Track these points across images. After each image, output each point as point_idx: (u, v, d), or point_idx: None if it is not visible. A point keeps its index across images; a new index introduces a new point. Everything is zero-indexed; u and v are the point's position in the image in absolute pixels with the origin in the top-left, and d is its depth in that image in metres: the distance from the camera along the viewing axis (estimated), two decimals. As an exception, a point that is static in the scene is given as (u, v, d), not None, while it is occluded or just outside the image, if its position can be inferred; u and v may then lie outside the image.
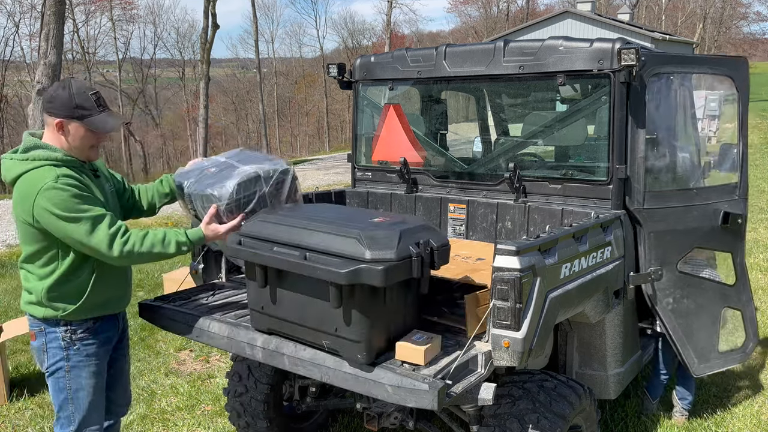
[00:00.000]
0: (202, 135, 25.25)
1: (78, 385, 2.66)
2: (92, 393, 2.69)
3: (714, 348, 3.63)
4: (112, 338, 2.80)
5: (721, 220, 3.50)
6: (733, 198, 3.60)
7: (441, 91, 4.15)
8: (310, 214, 2.57)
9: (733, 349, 3.76)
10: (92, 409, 2.70)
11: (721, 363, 3.68)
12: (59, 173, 2.48)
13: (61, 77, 13.46)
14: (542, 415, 2.66)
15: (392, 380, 2.22)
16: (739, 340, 3.80)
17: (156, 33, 57.62)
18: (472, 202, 3.75)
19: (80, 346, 2.65)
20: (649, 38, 31.67)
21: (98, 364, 2.71)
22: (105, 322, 2.73)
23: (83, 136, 2.56)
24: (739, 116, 3.66)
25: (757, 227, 9.41)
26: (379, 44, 50.99)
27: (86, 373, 2.67)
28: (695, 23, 55.18)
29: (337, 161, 23.79)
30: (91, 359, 2.68)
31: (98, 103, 2.56)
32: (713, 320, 3.62)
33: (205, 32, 24.56)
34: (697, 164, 3.73)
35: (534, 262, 2.41)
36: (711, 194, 3.52)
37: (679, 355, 3.47)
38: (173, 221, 11.81)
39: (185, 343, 5.43)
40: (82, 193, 2.49)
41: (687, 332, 3.46)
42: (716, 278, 3.65)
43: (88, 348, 2.67)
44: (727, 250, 3.67)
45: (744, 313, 3.79)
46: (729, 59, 3.59)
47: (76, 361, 2.65)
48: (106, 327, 2.74)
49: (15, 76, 37.89)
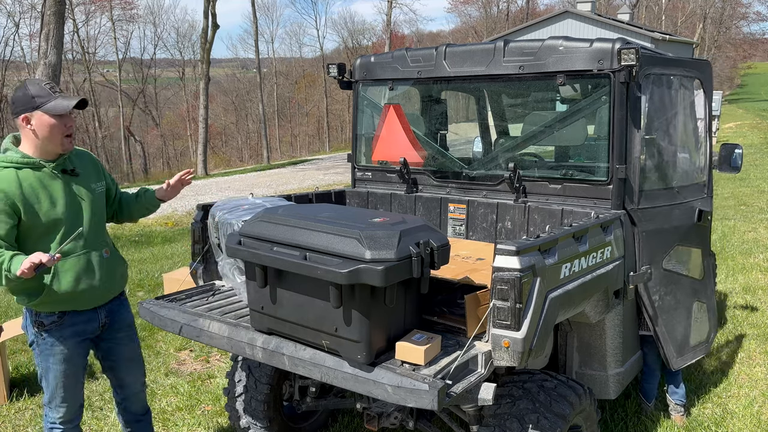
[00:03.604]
0: (202, 135, 25.26)
1: (46, 366, 2.86)
2: (59, 377, 2.86)
3: (688, 341, 3.74)
4: (86, 332, 2.91)
5: (696, 217, 3.66)
6: (703, 196, 3.76)
7: (441, 91, 4.15)
8: (310, 214, 2.57)
9: (701, 341, 3.89)
10: (60, 389, 2.88)
11: (692, 355, 3.80)
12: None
13: (61, 77, 13.48)
14: (542, 415, 2.66)
15: (392, 380, 2.22)
16: (705, 332, 3.93)
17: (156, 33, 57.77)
18: (472, 202, 3.75)
19: (47, 336, 2.82)
20: (649, 38, 31.68)
21: (66, 353, 2.85)
22: (75, 316, 2.85)
23: (49, 124, 2.67)
24: (705, 116, 3.83)
25: (757, 227, 9.40)
26: (379, 44, 51.01)
27: (53, 359, 2.84)
28: (695, 23, 55.19)
29: (337, 161, 23.80)
30: (57, 348, 2.83)
31: (52, 90, 2.69)
32: (688, 314, 3.72)
33: (205, 32, 24.57)
34: (694, 163, 3.80)
35: (534, 262, 2.40)
36: (689, 193, 3.66)
37: (662, 351, 3.53)
38: (173, 221, 11.81)
39: (185, 343, 5.43)
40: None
41: (669, 328, 3.52)
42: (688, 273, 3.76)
43: (54, 338, 2.82)
44: (698, 246, 3.80)
45: (708, 305, 3.93)
46: (696, 62, 3.73)
47: (44, 347, 2.83)
48: (76, 321, 2.85)
49: (15, 76, 37.86)
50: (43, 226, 2.70)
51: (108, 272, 2.90)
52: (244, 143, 53.15)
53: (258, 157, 42.53)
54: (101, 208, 2.94)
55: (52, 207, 2.71)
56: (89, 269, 2.83)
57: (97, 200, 2.89)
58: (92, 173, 2.91)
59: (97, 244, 2.87)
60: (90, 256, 2.83)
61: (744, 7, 59.91)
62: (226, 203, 3.20)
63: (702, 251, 3.83)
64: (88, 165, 2.92)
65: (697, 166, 3.84)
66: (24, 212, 2.65)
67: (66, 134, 2.71)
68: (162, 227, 11.37)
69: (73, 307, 2.82)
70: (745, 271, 7.15)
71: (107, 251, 2.92)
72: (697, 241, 3.77)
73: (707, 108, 3.84)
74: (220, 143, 53.13)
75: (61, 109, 2.66)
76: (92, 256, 2.84)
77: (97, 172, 2.95)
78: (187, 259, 8.51)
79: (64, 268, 2.75)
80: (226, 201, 3.25)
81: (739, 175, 13.33)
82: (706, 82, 3.79)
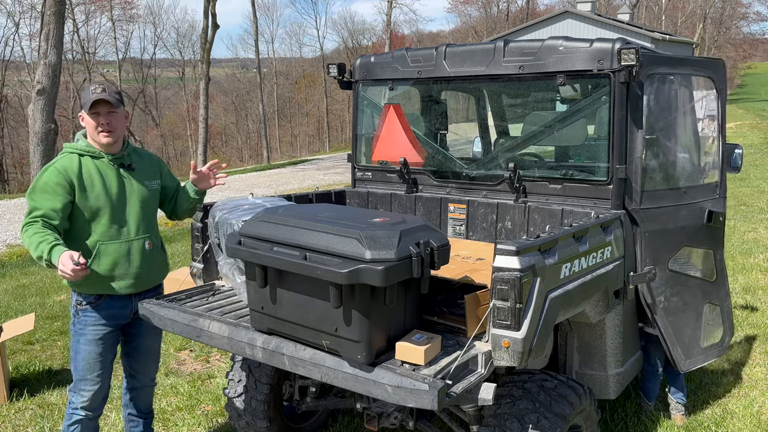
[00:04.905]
0: (202, 135, 25.26)
1: (77, 348, 3.07)
2: (87, 358, 3.04)
3: (698, 343, 3.70)
4: (119, 317, 3.10)
5: (705, 218, 3.60)
6: (715, 197, 3.70)
7: (441, 91, 4.15)
8: (310, 214, 2.57)
9: (714, 343, 3.84)
10: (86, 371, 3.06)
11: (703, 358, 3.76)
12: (62, 161, 2.95)
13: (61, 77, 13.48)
14: (542, 415, 2.66)
15: (392, 380, 2.22)
16: (719, 334, 3.88)
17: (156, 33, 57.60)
18: (472, 202, 3.75)
19: (82, 316, 3.04)
20: (649, 38, 31.68)
21: (97, 335, 3.04)
22: (111, 300, 3.05)
23: (86, 120, 3.00)
24: (718, 116, 3.76)
25: (757, 227, 9.40)
26: (379, 44, 51.00)
27: (83, 339, 3.04)
28: (695, 23, 55.20)
29: (337, 161, 23.80)
30: (89, 328, 3.04)
31: (95, 90, 2.96)
32: (697, 316, 3.68)
33: (205, 32, 24.57)
34: (694, 164, 3.77)
35: (534, 262, 2.40)
36: (697, 193, 3.60)
37: (669, 352, 3.51)
38: (173, 221, 11.80)
39: (185, 343, 5.43)
40: (59, 181, 2.88)
41: (676, 330, 3.50)
42: (699, 275, 3.72)
43: (88, 319, 3.03)
44: (709, 247, 3.75)
45: (722, 307, 3.87)
46: (708, 61, 3.68)
47: (78, 327, 3.06)
48: (110, 305, 3.05)
49: (15, 76, 37.90)
50: (91, 208, 2.95)
51: (147, 263, 3.10)
52: (244, 143, 53.17)
53: (258, 157, 42.54)
54: (151, 203, 3.16)
55: (104, 192, 2.98)
56: (128, 257, 3.04)
57: (147, 195, 3.13)
58: (149, 171, 3.18)
59: (140, 235, 3.07)
60: (131, 245, 3.04)
61: (744, 7, 59.97)
62: (226, 203, 3.21)
63: (714, 253, 3.76)
64: (147, 164, 3.20)
65: (707, 167, 3.78)
66: (78, 192, 2.92)
67: (99, 130, 2.96)
68: (162, 227, 11.37)
69: (110, 291, 3.02)
70: (745, 271, 7.15)
71: (150, 243, 3.11)
72: (708, 242, 3.70)
73: (720, 108, 3.75)
74: (220, 143, 53.13)
75: (86, 106, 2.94)
76: (133, 246, 3.05)
77: (154, 171, 3.21)
78: (187, 259, 8.51)
79: (105, 253, 2.98)
80: (226, 201, 3.26)
81: (739, 175, 13.33)
82: (720, 81, 3.70)
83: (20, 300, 6.93)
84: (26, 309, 6.50)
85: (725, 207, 3.76)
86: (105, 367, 3.09)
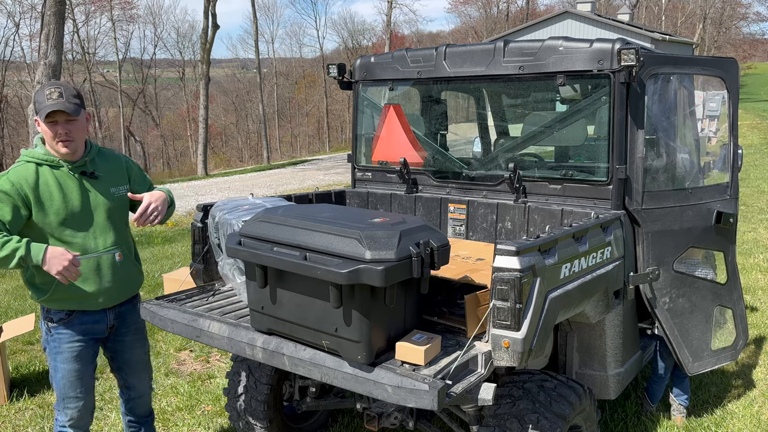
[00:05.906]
0: (202, 135, 25.27)
1: (55, 366, 2.90)
2: (67, 376, 2.88)
3: (707, 346, 3.66)
4: (95, 332, 2.94)
5: (714, 219, 3.55)
6: (725, 197, 3.64)
7: (441, 91, 4.15)
8: (310, 214, 2.57)
9: (725, 347, 3.80)
10: (67, 389, 2.90)
11: (714, 361, 3.72)
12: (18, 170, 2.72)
13: (61, 77, 13.48)
14: (542, 415, 2.66)
15: (392, 380, 2.22)
16: (730, 338, 3.83)
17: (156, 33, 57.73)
18: (472, 203, 3.75)
19: (55, 334, 2.87)
20: (649, 38, 31.68)
21: (74, 352, 2.88)
22: (83, 316, 2.88)
23: (42, 128, 2.75)
24: (729, 116, 3.71)
25: (757, 227, 9.39)
26: (379, 44, 51.00)
27: (60, 358, 2.87)
28: (695, 24, 55.17)
29: (337, 161, 23.81)
30: (64, 346, 2.86)
31: (50, 96, 2.68)
32: (706, 319, 3.64)
33: (205, 32, 24.59)
34: (696, 164, 3.74)
35: (534, 263, 2.41)
36: (705, 194, 3.56)
37: (675, 354, 3.49)
38: (173, 221, 11.80)
39: (185, 343, 5.43)
40: (8, 191, 2.64)
41: (682, 331, 3.48)
42: (709, 277, 3.67)
43: (63, 336, 2.86)
44: (719, 249, 3.71)
45: (735, 310, 3.82)
46: (720, 60, 3.63)
47: (53, 345, 2.88)
48: (84, 321, 2.88)
49: (15, 76, 37.90)
50: (51, 224, 2.74)
51: (118, 276, 2.92)
52: (244, 143, 53.17)
53: (258, 158, 42.54)
54: (118, 211, 2.94)
55: (64, 206, 2.75)
56: (98, 272, 2.85)
57: (113, 204, 2.90)
58: (115, 177, 2.94)
59: (108, 248, 2.88)
60: (99, 260, 2.85)
61: (744, 8, 59.91)
62: (227, 203, 3.20)
63: (725, 255, 3.70)
64: (113, 168, 2.95)
65: (715, 167, 3.74)
66: (35, 207, 2.70)
67: (57, 140, 2.72)
68: (162, 227, 11.37)
69: (82, 307, 2.86)
70: (745, 272, 7.14)
71: (120, 255, 2.92)
72: (718, 244, 3.65)
73: (732, 109, 3.69)
74: (220, 143, 53.15)
75: (41, 113, 2.68)
76: (102, 260, 2.86)
77: (120, 176, 2.97)
78: (187, 259, 8.51)
79: None
80: (226, 201, 3.25)
81: (739, 175, 13.32)
82: (731, 81, 3.64)
83: (20, 300, 6.92)
84: (26, 309, 6.49)
85: (737, 208, 3.69)
86: (85, 383, 2.94)
